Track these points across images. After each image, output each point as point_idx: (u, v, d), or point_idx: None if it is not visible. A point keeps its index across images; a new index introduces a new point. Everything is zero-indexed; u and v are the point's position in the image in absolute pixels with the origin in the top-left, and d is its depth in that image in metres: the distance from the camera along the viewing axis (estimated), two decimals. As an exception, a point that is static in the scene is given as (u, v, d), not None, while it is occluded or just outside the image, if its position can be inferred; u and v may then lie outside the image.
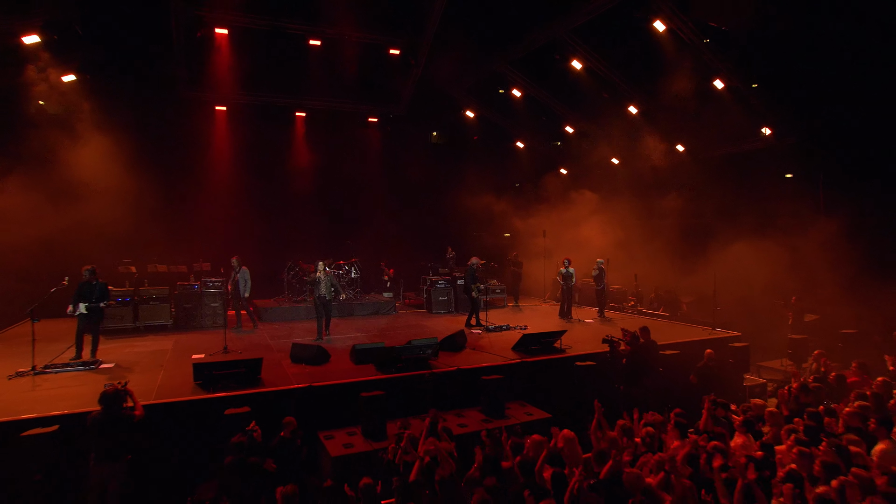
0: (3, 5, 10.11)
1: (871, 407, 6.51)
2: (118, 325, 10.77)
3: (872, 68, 11.76)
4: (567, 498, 4.70)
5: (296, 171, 16.57)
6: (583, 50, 13.84)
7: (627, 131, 16.06)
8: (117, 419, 5.28)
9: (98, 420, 5.24)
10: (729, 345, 10.00)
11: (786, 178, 14.55)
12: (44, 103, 13.17)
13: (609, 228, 16.17)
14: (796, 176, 14.25)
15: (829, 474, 4.89)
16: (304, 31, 13.48)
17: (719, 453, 5.33)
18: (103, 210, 12.14)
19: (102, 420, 5.24)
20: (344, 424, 6.87)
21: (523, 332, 9.45)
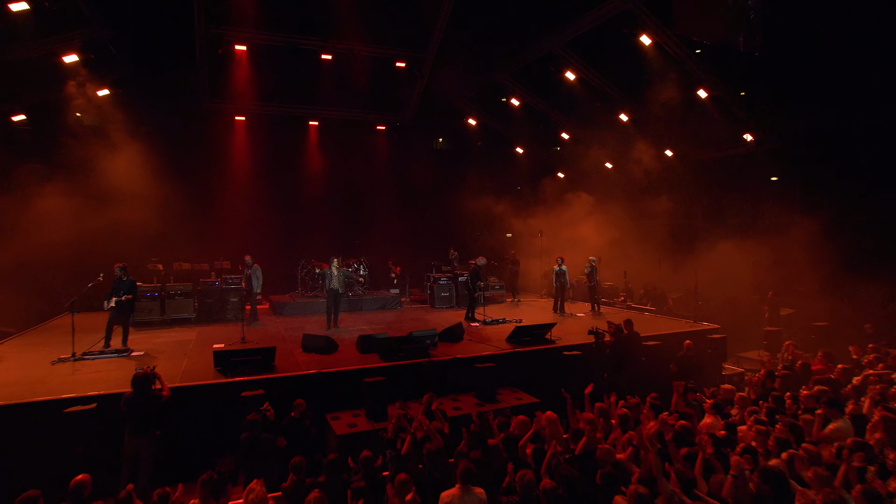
0: (46, 28, 10.57)
1: (828, 391, 6.81)
2: (147, 318, 11.21)
3: (845, 76, 11.92)
4: (544, 469, 5.05)
5: (309, 176, 16.93)
6: (576, 62, 14.09)
7: (619, 137, 16.22)
8: (147, 398, 5.71)
9: (130, 399, 5.66)
10: (708, 336, 10.25)
11: (769, 181, 14.73)
12: (80, 115, 13.72)
13: (603, 228, 16.35)
14: (778, 179, 14.43)
15: (780, 449, 5.23)
16: (317, 47, 13.84)
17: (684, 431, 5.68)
18: (134, 212, 12.65)
19: (134, 399, 5.67)
20: (349, 407, 7.23)
21: (516, 325, 9.79)
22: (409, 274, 16.25)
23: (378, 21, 13.34)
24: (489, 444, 5.43)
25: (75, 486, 4.11)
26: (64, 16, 10.63)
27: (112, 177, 12.51)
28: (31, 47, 10.99)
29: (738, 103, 13.62)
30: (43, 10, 9.90)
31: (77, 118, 13.25)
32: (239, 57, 13.60)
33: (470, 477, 4.45)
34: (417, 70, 15.11)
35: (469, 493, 4.38)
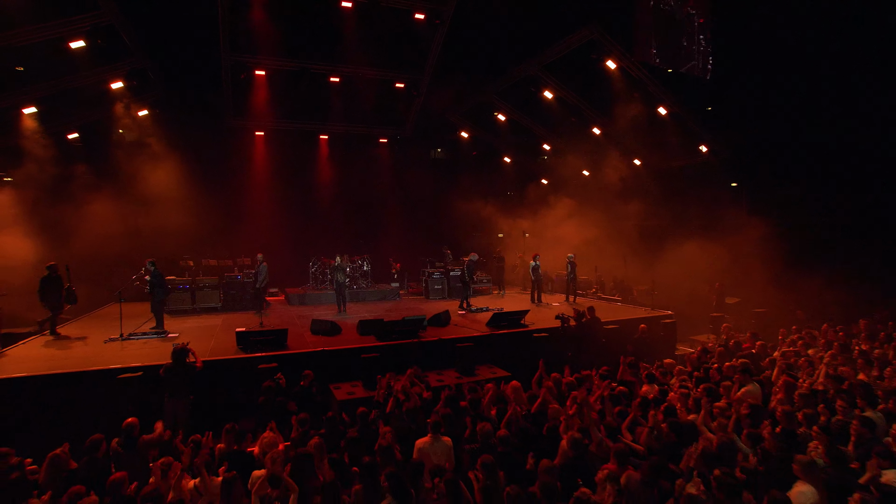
0: (99, 60, 11.30)
1: (748, 362, 7.47)
2: (180, 307, 11.97)
3: (788, 91, 12.51)
4: (503, 423, 5.74)
5: (319, 183, 17.48)
6: (553, 83, 14.65)
7: (593, 148, 16.77)
8: (183, 368, 6.44)
9: (169, 368, 6.40)
10: (661, 322, 10.90)
11: (725, 187, 15.29)
12: (123, 132, 14.46)
13: (582, 229, 16.81)
14: (736, 185, 15.01)
15: (697, 407, 5.92)
16: (326, 71, 14.27)
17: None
18: (169, 215, 13.35)
19: (172, 369, 6.41)
20: (349, 379, 7.88)
21: (494, 312, 10.47)
22: (407, 269, 16.86)
23: (379, 48, 13.81)
24: (460, 406, 6.12)
25: (127, 426, 4.84)
26: (113, 49, 11.38)
27: (151, 185, 13.28)
28: (85, 77, 11.77)
29: (693, 119, 14.23)
30: (97, 45, 10.63)
31: (121, 134, 13.93)
32: (259, 80, 14.09)
33: (438, 428, 5.14)
34: (415, 90, 15.62)
35: (438, 440, 5.06)
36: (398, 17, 12.86)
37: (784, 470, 4.24)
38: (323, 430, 5.55)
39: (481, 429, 5.22)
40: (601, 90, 14.05)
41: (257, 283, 12.07)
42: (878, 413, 5.60)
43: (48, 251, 11.91)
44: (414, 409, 5.83)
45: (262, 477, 4.30)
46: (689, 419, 5.76)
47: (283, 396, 6.63)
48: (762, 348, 8.03)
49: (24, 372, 6.59)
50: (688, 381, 7.00)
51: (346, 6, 12.14)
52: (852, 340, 9.21)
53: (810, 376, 7.13)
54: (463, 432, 5.59)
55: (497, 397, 6.49)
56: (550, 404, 6.11)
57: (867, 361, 7.27)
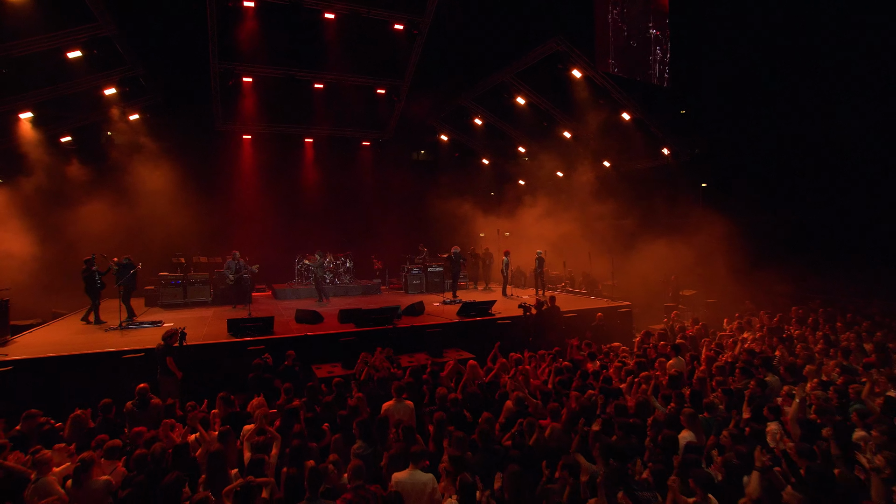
0: (94, 68, 12.09)
1: (686, 343, 8.59)
2: (172, 301, 12.79)
3: (744, 98, 13.65)
4: (459, 389, 6.76)
5: (305, 185, 18.24)
6: (525, 90, 15.66)
7: (565, 151, 17.84)
8: (172, 349, 7.33)
9: (160, 349, 7.28)
10: (619, 311, 12.00)
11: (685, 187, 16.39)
12: (112, 135, 15.23)
13: (556, 227, 17.80)
14: (688, 187, 16.18)
15: (625, 377, 7.00)
16: (310, 78, 15.00)
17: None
18: (161, 214, 14.20)
19: (163, 349, 7.29)
20: (329, 361, 8.79)
21: (463, 302, 11.48)
22: (388, 266, 17.79)
23: (361, 56, 14.59)
24: (422, 378, 7.12)
25: (140, 390, 5.78)
26: (107, 57, 12.19)
27: (143, 186, 14.09)
28: (80, 84, 12.57)
29: (655, 124, 15.37)
30: (93, 56, 11.45)
31: (114, 137, 14.69)
32: (246, 87, 14.76)
33: (401, 392, 6.13)
34: (395, 96, 16.43)
35: (401, 402, 6.05)
36: (378, 28, 13.68)
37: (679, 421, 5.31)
38: (305, 398, 6.52)
39: (439, 393, 6.25)
40: (570, 96, 14.99)
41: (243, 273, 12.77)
42: (774, 376, 6.74)
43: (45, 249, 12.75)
44: (384, 380, 6.82)
45: (251, 429, 5.26)
46: (621, 387, 6.84)
47: (270, 373, 7.57)
48: (702, 331, 9.14)
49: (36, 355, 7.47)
50: (627, 359, 8.08)
51: (328, 17, 13.05)
52: (784, 325, 10.40)
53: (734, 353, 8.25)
54: (423, 398, 6.60)
55: (456, 372, 7.51)
56: (502, 377, 7.16)
57: (781, 340, 8.42)
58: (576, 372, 7.23)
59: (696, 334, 9.21)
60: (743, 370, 6.74)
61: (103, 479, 4.21)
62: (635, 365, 7.30)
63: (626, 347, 9.17)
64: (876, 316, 10.67)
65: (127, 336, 9.01)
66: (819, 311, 11.07)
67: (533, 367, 7.58)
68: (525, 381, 6.72)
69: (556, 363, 7.55)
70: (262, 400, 5.97)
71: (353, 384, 6.85)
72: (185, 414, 5.77)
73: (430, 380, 7.03)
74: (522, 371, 6.82)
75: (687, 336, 9.20)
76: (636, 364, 7.33)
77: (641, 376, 6.72)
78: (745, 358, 7.31)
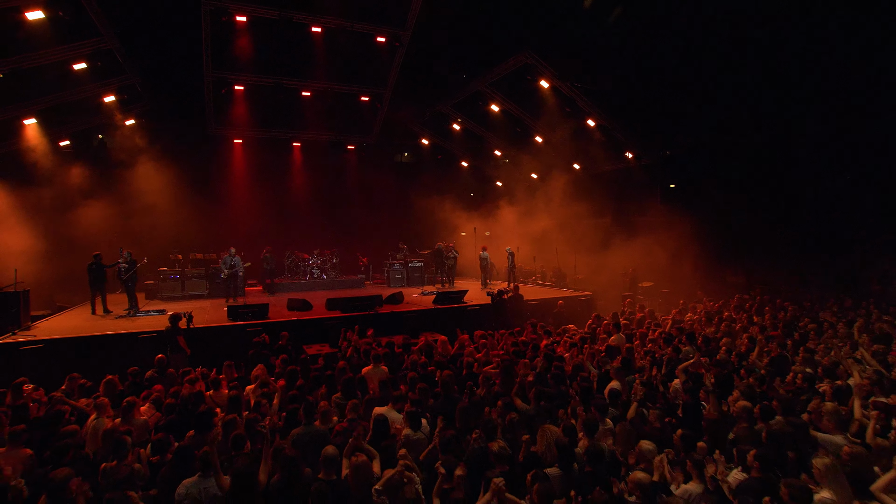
0: (95, 77, 13.16)
1: (628, 324, 9.99)
2: (171, 294, 13.92)
3: (700, 104, 15.08)
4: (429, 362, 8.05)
5: (293, 186, 19.32)
6: (499, 97, 17.05)
7: (538, 155, 19.26)
8: (181, 329, 8.53)
9: (171, 329, 8.48)
10: (579, 300, 13.43)
11: (646, 188, 17.94)
12: (111, 139, 16.28)
13: (531, 226, 19.15)
14: (648, 188, 17.71)
15: (570, 349, 8.35)
16: (298, 86, 16.15)
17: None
18: (159, 214, 15.29)
19: (173, 329, 8.49)
20: (318, 342, 10.08)
21: (439, 292, 12.81)
22: (373, 262, 19.04)
23: (346, 66, 15.80)
24: (395, 350, 8.41)
25: (158, 360, 6.98)
26: (108, 68, 13.29)
27: (140, 186, 15.17)
28: (81, 91, 13.64)
29: (618, 130, 16.86)
30: (95, 66, 12.55)
31: (114, 141, 15.67)
32: (237, 94, 15.87)
33: (378, 359, 7.43)
34: (379, 102, 17.67)
35: (378, 367, 7.33)
36: (362, 40, 14.89)
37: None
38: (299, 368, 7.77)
39: (410, 359, 7.57)
40: (540, 104, 16.31)
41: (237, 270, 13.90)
42: (691, 346, 8.15)
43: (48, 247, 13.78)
44: (365, 352, 8.11)
45: (254, 387, 6.52)
46: (565, 356, 8.21)
47: (267, 350, 8.80)
48: (647, 314, 10.59)
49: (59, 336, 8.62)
50: (575, 337, 9.46)
51: (315, 31, 14.28)
52: (724, 310, 11.88)
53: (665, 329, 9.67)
54: (399, 366, 7.90)
55: (427, 346, 8.81)
56: (466, 349, 8.49)
57: (709, 319, 9.90)
58: (529, 346, 8.59)
59: (640, 317, 10.63)
60: (666, 340, 8.17)
61: (143, 417, 5.44)
62: (579, 340, 8.69)
63: (575, 327, 10.56)
64: (805, 303, 12.21)
65: (135, 322, 10.17)
66: (756, 299, 12.58)
67: (495, 342, 8.90)
68: (486, 353, 8.06)
69: (514, 339, 8.91)
70: (263, 367, 7.21)
71: (339, 356, 8.13)
72: (200, 377, 6.99)
73: (403, 352, 8.35)
74: (484, 344, 8.16)
75: (634, 319, 10.63)
76: (580, 339, 8.72)
77: (583, 348, 8.10)
78: (673, 332, 8.73)
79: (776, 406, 5.17)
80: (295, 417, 5.27)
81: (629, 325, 9.99)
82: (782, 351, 7.62)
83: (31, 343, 8.03)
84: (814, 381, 6.08)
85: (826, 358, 6.85)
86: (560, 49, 14.63)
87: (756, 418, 5.00)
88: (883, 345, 7.49)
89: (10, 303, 9.13)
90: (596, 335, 9.50)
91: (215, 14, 13.27)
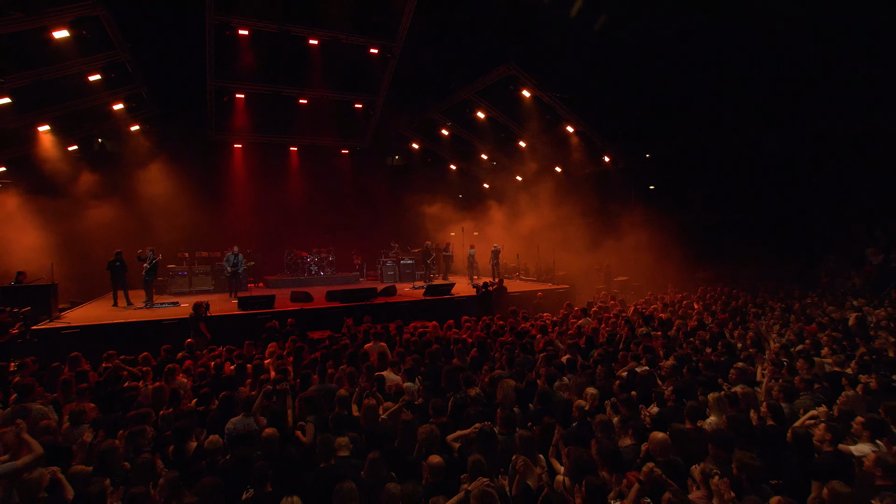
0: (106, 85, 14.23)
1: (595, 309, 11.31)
2: (179, 290, 15.04)
3: (672, 111, 16.50)
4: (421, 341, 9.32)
5: (291, 188, 20.41)
6: (484, 105, 18.30)
7: (522, 158, 20.65)
8: (202, 317, 9.72)
9: (193, 316, 9.66)
10: (556, 292, 14.77)
11: (622, 189, 19.38)
12: (114, 142, 17.35)
13: (516, 225, 20.46)
14: (627, 190, 19.15)
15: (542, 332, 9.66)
16: (295, 94, 17.14)
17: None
18: (165, 215, 16.39)
19: (195, 316, 9.67)
20: (320, 329, 11.33)
21: (428, 285, 14.08)
22: (366, 261, 20.26)
23: (341, 75, 16.90)
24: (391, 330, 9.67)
25: (188, 344, 8.19)
26: (118, 78, 14.40)
27: (145, 189, 16.27)
28: (93, 100, 14.73)
29: (595, 135, 18.27)
30: (109, 78, 13.68)
31: (120, 146, 16.77)
32: (238, 101, 16.95)
33: (378, 336, 8.69)
34: (371, 109, 18.81)
35: (377, 344, 8.58)
36: (356, 52, 16.07)
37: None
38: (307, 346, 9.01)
39: (404, 338, 8.84)
40: (522, 112, 17.66)
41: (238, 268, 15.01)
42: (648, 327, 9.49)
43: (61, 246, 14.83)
44: (364, 331, 9.37)
45: (272, 358, 7.75)
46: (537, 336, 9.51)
47: (278, 333, 10.01)
48: (616, 304, 11.96)
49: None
50: (547, 321, 10.78)
51: (312, 43, 15.47)
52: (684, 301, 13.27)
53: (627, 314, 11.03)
54: (395, 344, 9.15)
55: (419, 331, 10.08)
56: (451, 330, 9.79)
57: (665, 307, 11.26)
58: (506, 327, 9.90)
59: (608, 305, 11.99)
60: (626, 324, 9.50)
61: (181, 380, 6.65)
62: (550, 323, 10.02)
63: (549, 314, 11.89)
64: (761, 293, 13.65)
65: (154, 312, 11.32)
66: (717, 291, 14.01)
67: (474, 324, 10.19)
68: (470, 333, 9.36)
69: (494, 325, 10.21)
70: (275, 345, 8.44)
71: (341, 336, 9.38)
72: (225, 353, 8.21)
73: (397, 334, 9.62)
74: (469, 328, 9.45)
75: (604, 308, 11.98)
76: (551, 322, 10.04)
77: (554, 329, 9.41)
78: (633, 317, 10.08)
79: (702, 367, 6.53)
80: (308, 380, 6.51)
81: (598, 312, 11.33)
82: (721, 329, 8.99)
83: (70, 328, 9.18)
84: (734, 349, 7.47)
85: (750, 333, 8.23)
86: (539, 61, 15.93)
87: (683, 374, 6.34)
88: (806, 324, 8.92)
89: (43, 295, 10.24)
90: (566, 320, 10.83)
91: (220, 28, 14.42)
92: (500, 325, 10.05)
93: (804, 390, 5.46)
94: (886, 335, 8.20)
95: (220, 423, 5.29)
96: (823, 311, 10.88)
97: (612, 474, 3.85)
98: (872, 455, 3.68)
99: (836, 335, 7.88)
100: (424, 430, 4.27)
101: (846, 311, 10.41)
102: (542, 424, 4.88)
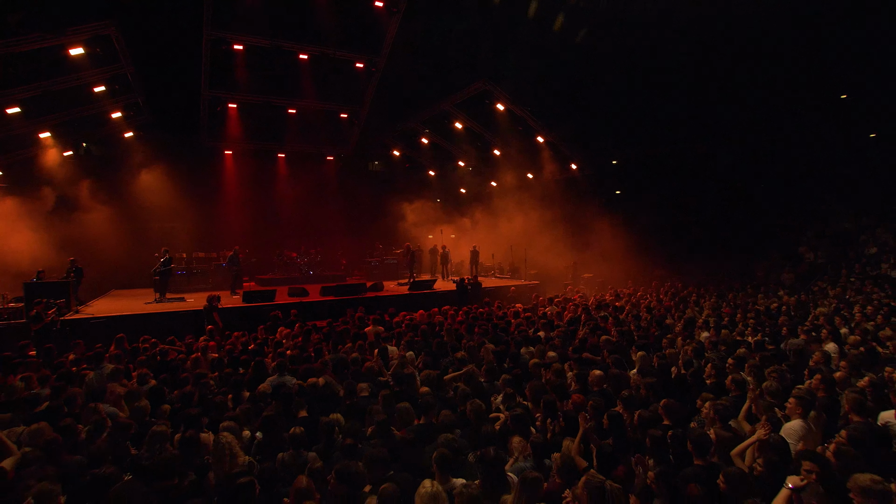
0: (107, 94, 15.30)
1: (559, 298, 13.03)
2: (179, 288, 16.12)
3: (633, 126, 18.43)
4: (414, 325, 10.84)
5: (279, 193, 21.59)
6: (462, 116, 19.95)
7: (496, 166, 22.36)
8: (216, 307, 11.02)
9: (207, 307, 10.96)
10: (528, 287, 16.48)
11: (588, 194, 21.30)
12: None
13: (491, 227, 22.16)
14: (593, 195, 21.07)
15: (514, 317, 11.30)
16: (284, 104, 18.29)
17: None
18: (163, 218, 17.46)
19: (209, 307, 10.97)
20: (318, 319, 12.71)
21: (412, 281, 15.61)
22: (351, 260, 21.60)
23: (327, 87, 18.10)
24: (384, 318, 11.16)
25: (209, 329, 9.50)
26: (119, 88, 15.49)
27: (146, 194, 17.32)
28: (93, 108, 15.76)
29: (563, 145, 20.13)
30: (113, 90, 14.77)
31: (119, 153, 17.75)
32: (230, 110, 18.03)
33: (376, 322, 10.18)
34: (356, 119, 20.16)
35: (376, 327, 10.09)
36: (343, 65, 17.50)
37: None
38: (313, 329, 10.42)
39: (396, 321, 10.35)
40: (497, 122, 19.33)
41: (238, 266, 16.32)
42: (604, 313, 11.24)
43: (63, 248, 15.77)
44: (360, 318, 10.86)
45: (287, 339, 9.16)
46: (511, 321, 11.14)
47: (282, 322, 11.36)
48: (579, 296, 13.73)
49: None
50: (519, 308, 12.44)
51: (302, 57, 16.81)
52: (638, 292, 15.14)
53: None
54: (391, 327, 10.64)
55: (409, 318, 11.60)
56: (436, 316, 11.34)
57: (618, 297, 13.09)
58: (484, 314, 11.50)
59: (573, 297, 13.75)
60: (584, 309, 11.24)
61: (213, 355, 8.02)
62: (522, 309, 11.68)
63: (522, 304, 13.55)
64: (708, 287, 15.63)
65: (164, 305, 12.54)
66: (667, 285, 15.95)
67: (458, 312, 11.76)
68: (453, 319, 10.93)
69: (474, 311, 11.81)
70: (283, 329, 9.83)
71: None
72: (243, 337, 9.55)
73: (390, 319, 11.13)
74: (452, 315, 11.03)
75: (569, 299, 13.72)
76: (522, 309, 11.70)
77: (525, 315, 11.07)
78: (592, 305, 11.83)
79: (636, 337, 8.27)
80: (321, 353, 7.97)
81: (562, 301, 13.06)
82: (666, 313, 10.81)
83: (97, 318, 10.35)
84: (671, 329, 9.25)
85: (685, 316, 10.05)
86: (511, 79, 17.68)
87: (624, 347, 8.06)
88: (733, 308, 10.82)
89: (63, 289, 11.34)
90: (535, 309, 12.51)
91: (216, 43, 15.67)
92: (480, 312, 11.64)
93: (709, 351, 7.23)
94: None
95: (256, 383, 6.71)
96: (755, 300, 12.86)
97: (562, 401, 5.48)
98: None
99: (755, 316, 9.77)
100: (425, 373, 5.82)
101: (771, 301, 12.42)
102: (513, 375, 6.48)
